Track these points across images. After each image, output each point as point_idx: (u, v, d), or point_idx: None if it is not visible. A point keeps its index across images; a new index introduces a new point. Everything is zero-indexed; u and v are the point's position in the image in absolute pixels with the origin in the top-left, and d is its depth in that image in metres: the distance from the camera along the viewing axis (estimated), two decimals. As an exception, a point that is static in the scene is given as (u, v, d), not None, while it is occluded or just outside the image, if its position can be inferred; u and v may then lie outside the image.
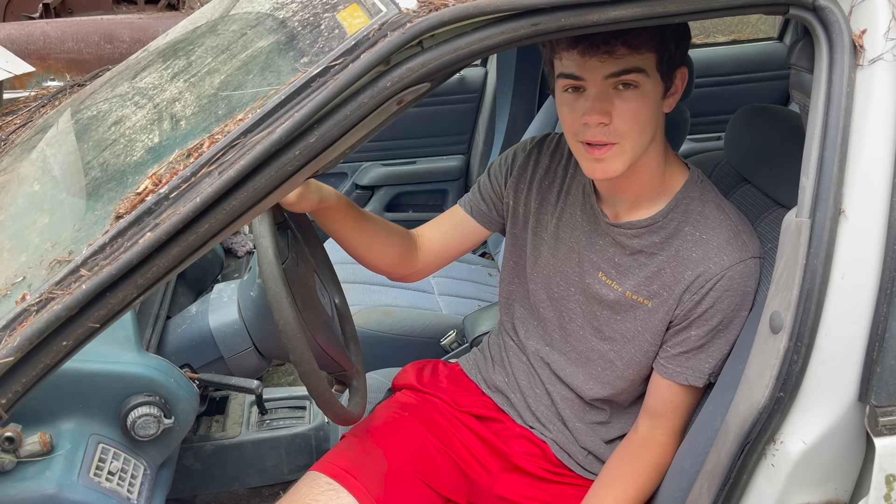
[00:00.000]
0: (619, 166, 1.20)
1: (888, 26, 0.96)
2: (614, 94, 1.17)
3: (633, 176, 1.26)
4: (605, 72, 1.15)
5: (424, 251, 1.50)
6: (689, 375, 1.28)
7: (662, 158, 1.28)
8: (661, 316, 1.28)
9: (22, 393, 0.86)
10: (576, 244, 1.37)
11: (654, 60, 1.16)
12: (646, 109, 1.18)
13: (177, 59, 1.27)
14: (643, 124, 1.19)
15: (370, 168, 3.18)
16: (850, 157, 0.97)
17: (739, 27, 5.56)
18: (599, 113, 1.16)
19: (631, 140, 1.18)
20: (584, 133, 1.19)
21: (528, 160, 1.45)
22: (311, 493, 1.29)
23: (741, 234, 1.25)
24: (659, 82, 1.19)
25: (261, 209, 0.91)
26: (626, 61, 1.14)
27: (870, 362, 0.99)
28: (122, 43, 3.89)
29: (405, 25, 0.88)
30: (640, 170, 1.25)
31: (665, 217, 1.28)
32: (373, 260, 1.46)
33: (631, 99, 1.17)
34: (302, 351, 1.20)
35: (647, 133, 1.20)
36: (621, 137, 1.18)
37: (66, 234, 0.97)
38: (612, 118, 1.17)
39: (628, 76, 1.15)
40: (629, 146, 1.19)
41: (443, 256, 1.52)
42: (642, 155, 1.23)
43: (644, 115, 1.18)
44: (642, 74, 1.16)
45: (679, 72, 1.22)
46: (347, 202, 1.38)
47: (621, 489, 1.29)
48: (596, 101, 1.17)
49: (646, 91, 1.17)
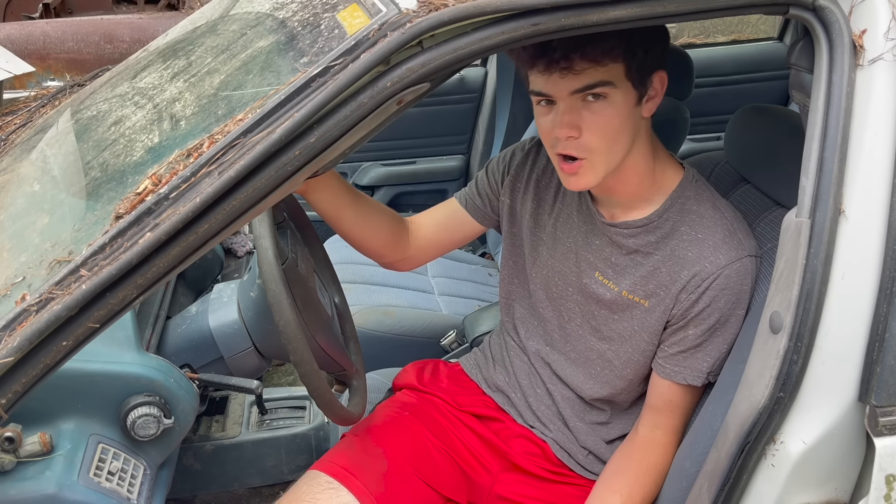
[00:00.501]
0: (592, 179, 1.21)
1: (888, 26, 0.96)
2: (583, 107, 1.16)
3: (621, 179, 1.26)
4: (570, 87, 1.15)
5: (416, 237, 1.50)
6: (687, 375, 1.28)
7: (650, 159, 1.28)
8: (658, 315, 1.28)
9: (22, 393, 0.86)
10: (573, 244, 1.37)
11: (621, 70, 1.15)
12: (617, 119, 1.17)
13: (177, 59, 1.27)
14: (614, 135, 1.18)
15: (370, 168, 3.18)
16: (850, 157, 0.97)
17: (739, 27, 5.56)
18: (568, 127, 1.17)
19: (601, 153, 1.19)
20: (556, 145, 1.20)
21: (525, 160, 1.46)
22: (311, 492, 1.29)
23: (737, 232, 1.25)
24: (630, 90, 1.17)
25: (261, 209, 0.91)
26: (589, 76, 1.14)
27: (870, 362, 0.99)
28: (122, 43, 3.89)
29: (405, 25, 0.88)
30: (626, 173, 1.25)
31: (660, 217, 1.28)
32: (365, 240, 1.45)
33: (600, 111, 1.16)
34: (302, 352, 1.20)
35: (620, 142, 1.20)
36: (590, 152, 1.18)
37: (66, 234, 0.97)
38: (582, 131, 1.17)
39: (595, 90, 1.15)
40: (599, 160, 1.19)
41: (434, 246, 1.52)
42: (625, 160, 1.23)
43: (615, 125, 1.18)
44: (609, 86, 1.15)
45: (656, 75, 1.20)
46: (340, 178, 1.38)
47: (627, 492, 1.28)
48: (564, 115, 1.17)
49: (615, 101, 1.16)
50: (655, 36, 1.18)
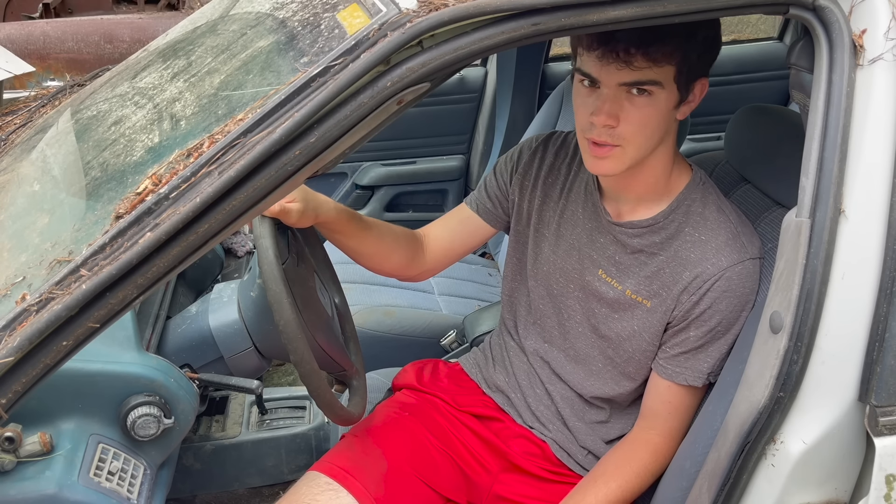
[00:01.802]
0: (618, 167, 1.21)
1: (888, 26, 0.96)
2: (626, 98, 1.17)
3: (638, 176, 1.26)
4: (621, 79, 1.15)
5: (431, 250, 1.51)
6: (687, 376, 1.28)
7: (670, 162, 1.28)
8: (660, 316, 1.28)
9: (22, 393, 0.86)
10: (576, 241, 1.37)
11: (672, 73, 1.16)
12: (656, 117, 1.18)
13: (177, 59, 1.27)
14: (650, 131, 1.19)
15: (370, 168, 3.18)
16: (850, 157, 0.97)
17: (739, 27, 5.56)
18: (608, 115, 1.17)
19: (635, 145, 1.19)
20: (590, 130, 1.20)
21: (533, 157, 1.46)
22: (310, 493, 1.29)
23: (740, 235, 1.25)
24: (674, 93, 1.18)
25: (261, 209, 0.91)
26: (643, 73, 1.14)
27: (870, 362, 0.99)
28: (122, 43, 3.89)
29: (405, 25, 0.88)
30: (645, 171, 1.26)
31: (666, 218, 1.28)
32: (380, 266, 1.48)
33: (642, 106, 1.17)
34: (302, 352, 1.20)
35: (653, 139, 1.21)
36: (624, 141, 1.18)
37: (66, 234, 0.97)
38: (620, 121, 1.17)
39: (644, 86, 1.15)
40: (632, 150, 1.19)
41: (449, 254, 1.53)
42: (647, 158, 1.23)
43: (653, 123, 1.18)
44: (657, 86, 1.16)
45: (699, 83, 1.21)
46: (348, 213, 1.38)
47: (604, 487, 1.28)
48: (606, 103, 1.17)
49: (659, 100, 1.17)
50: (711, 44, 1.19)
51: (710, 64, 1.22)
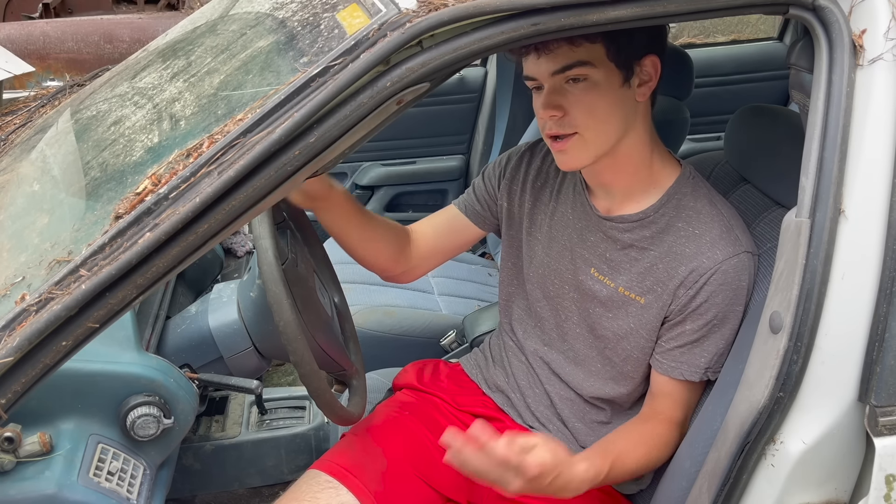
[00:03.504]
0: (584, 156, 1.23)
1: (888, 26, 0.96)
2: (567, 88, 1.19)
3: (616, 167, 1.27)
4: (550, 69, 1.18)
5: (418, 246, 1.51)
6: (684, 370, 1.28)
7: (648, 150, 1.29)
8: (656, 312, 1.28)
9: (22, 393, 0.86)
10: (568, 241, 1.38)
11: (601, 51, 1.17)
12: (602, 100, 1.19)
13: (176, 59, 1.27)
14: (602, 115, 1.20)
15: (370, 168, 3.18)
16: (850, 157, 0.97)
17: (739, 27, 5.56)
18: (551, 107, 1.20)
19: (591, 130, 1.21)
20: (545, 127, 1.23)
21: (520, 162, 1.47)
22: (310, 491, 1.29)
23: (734, 228, 1.25)
24: (614, 71, 1.19)
25: (261, 209, 0.91)
26: (566, 56, 1.16)
27: (870, 362, 0.99)
28: (122, 43, 3.89)
29: (405, 25, 0.88)
30: (620, 160, 1.26)
31: (656, 212, 1.28)
32: (371, 256, 1.47)
33: (583, 90, 1.19)
34: (302, 352, 1.20)
35: (610, 122, 1.21)
36: (578, 128, 1.20)
37: (66, 234, 0.97)
38: (567, 110, 1.20)
39: (573, 71, 1.17)
40: (590, 136, 1.21)
41: (436, 253, 1.53)
42: (619, 145, 1.24)
43: (601, 106, 1.19)
44: (588, 67, 1.17)
45: (647, 59, 1.21)
46: (350, 196, 1.40)
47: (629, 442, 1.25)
48: (548, 95, 1.20)
49: (598, 81, 1.18)
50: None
51: (652, 40, 1.21)
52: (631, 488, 1.41)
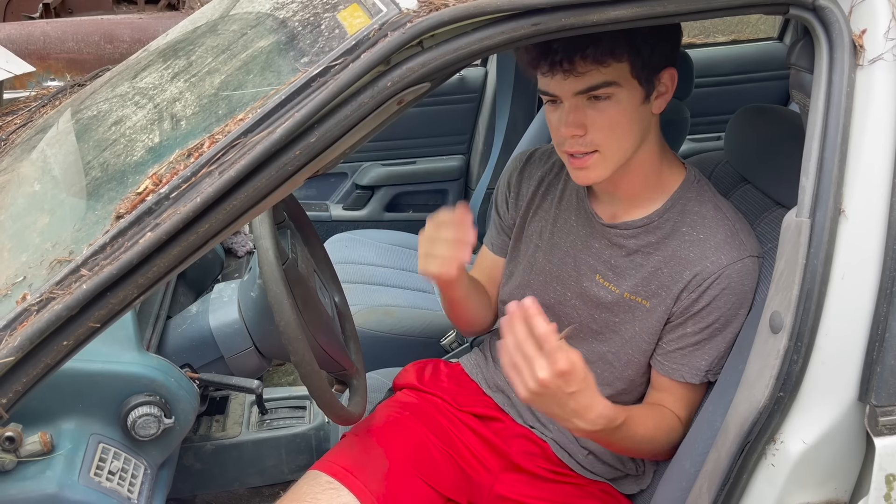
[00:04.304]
0: (602, 172, 1.22)
1: (888, 26, 0.96)
2: (588, 106, 1.17)
3: (627, 176, 1.27)
4: (574, 89, 1.16)
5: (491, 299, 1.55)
6: (685, 373, 1.28)
7: (658, 158, 1.28)
8: (659, 315, 1.28)
9: (22, 393, 0.86)
10: (571, 248, 1.37)
11: (626, 69, 1.15)
12: (623, 118, 1.18)
13: (177, 59, 1.27)
14: (622, 132, 1.19)
15: (370, 168, 3.18)
16: (850, 157, 0.97)
17: (739, 27, 5.56)
18: (573, 126, 1.18)
19: (611, 148, 1.20)
20: (563, 144, 1.21)
21: (521, 176, 1.48)
22: (311, 492, 1.29)
23: (739, 233, 1.25)
24: (637, 89, 1.18)
25: (261, 209, 0.91)
26: (592, 77, 1.14)
27: (870, 362, 0.99)
28: (122, 43, 3.89)
29: (405, 25, 0.88)
30: (633, 170, 1.26)
31: (661, 217, 1.28)
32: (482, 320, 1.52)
33: (605, 109, 1.17)
34: (303, 352, 1.20)
35: (629, 139, 1.21)
36: (599, 146, 1.19)
37: (67, 233, 0.97)
38: (588, 129, 1.18)
39: (598, 91, 1.15)
40: (610, 153, 1.20)
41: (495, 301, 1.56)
42: (633, 156, 1.23)
43: (622, 124, 1.18)
44: (614, 86, 1.15)
45: (666, 72, 1.20)
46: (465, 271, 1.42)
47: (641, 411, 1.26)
48: (569, 114, 1.18)
49: (620, 100, 1.17)
50: (662, 33, 1.17)
51: (670, 52, 1.21)
52: (631, 488, 1.41)
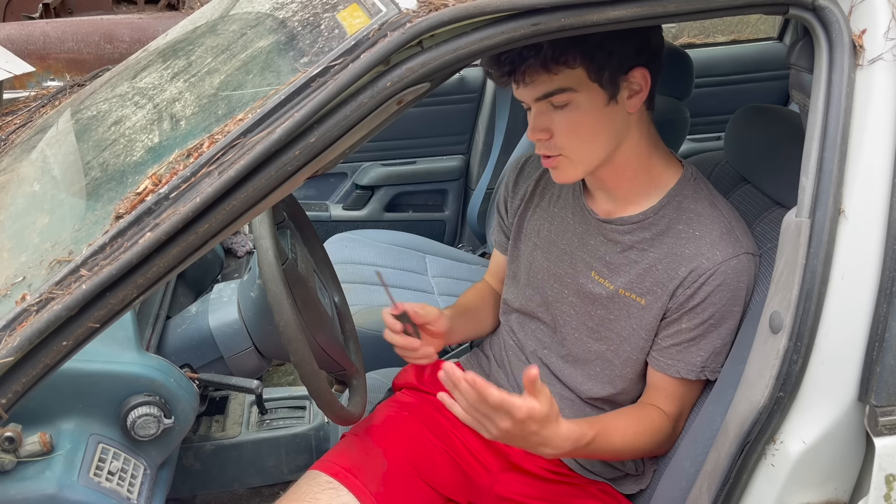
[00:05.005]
0: (573, 173, 1.25)
1: (888, 26, 0.96)
2: (552, 111, 1.19)
3: (613, 173, 1.28)
4: (532, 96, 1.19)
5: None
6: (680, 368, 1.28)
7: (646, 154, 1.28)
8: (655, 312, 1.28)
9: (22, 393, 0.86)
10: (568, 246, 1.38)
11: (582, 75, 1.15)
12: (586, 120, 1.19)
13: (177, 59, 1.27)
14: (586, 135, 1.20)
15: (370, 168, 3.18)
16: (850, 157, 0.97)
17: (739, 27, 5.56)
18: (538, 130, 1.21)
19: (575, 151, 1.22)
20: (536, 147, 1.25)
21: (517, 180, 1.50)
22: (311, 492, 1.29)
23: (734, 230, 1.25)
24: (598, 92, 1.17)
25: (261, 209, 0.91)
26: (544, 84, 1.16)
27: (870, 362, 0.99)
28: (122, 43, 3.89)
29: (405, 25, 0.88)
30: (618, 168, 1.27)
31: (656, 213, 1.28)
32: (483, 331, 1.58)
33: (566, 114, 1.19)
34: (303, 352, 1.20)
35: (595, 141, 1.21)
36: (563, 150, 1.22)
37: (66, 234, 0.97)
38: (553, 133, 1.20)
39: (554, 98, 1.17)
40: (576, 156, 1.22)
41: None
42: (615, 155, 1.24)
43: (585, 126, 1.19)
44: (570, 92, 1.16)
45: (636, 72, 1.19)
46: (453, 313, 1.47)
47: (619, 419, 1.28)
48: (535, 119, 1.21)
49: (580, 104, 1.17)
50: (622, 35, 1.14)
51: (637, 53, 1.18)
52: (631, 488, 1.41)
